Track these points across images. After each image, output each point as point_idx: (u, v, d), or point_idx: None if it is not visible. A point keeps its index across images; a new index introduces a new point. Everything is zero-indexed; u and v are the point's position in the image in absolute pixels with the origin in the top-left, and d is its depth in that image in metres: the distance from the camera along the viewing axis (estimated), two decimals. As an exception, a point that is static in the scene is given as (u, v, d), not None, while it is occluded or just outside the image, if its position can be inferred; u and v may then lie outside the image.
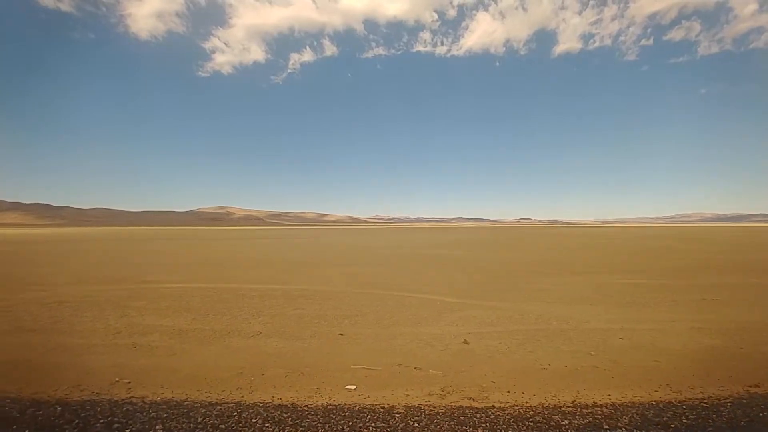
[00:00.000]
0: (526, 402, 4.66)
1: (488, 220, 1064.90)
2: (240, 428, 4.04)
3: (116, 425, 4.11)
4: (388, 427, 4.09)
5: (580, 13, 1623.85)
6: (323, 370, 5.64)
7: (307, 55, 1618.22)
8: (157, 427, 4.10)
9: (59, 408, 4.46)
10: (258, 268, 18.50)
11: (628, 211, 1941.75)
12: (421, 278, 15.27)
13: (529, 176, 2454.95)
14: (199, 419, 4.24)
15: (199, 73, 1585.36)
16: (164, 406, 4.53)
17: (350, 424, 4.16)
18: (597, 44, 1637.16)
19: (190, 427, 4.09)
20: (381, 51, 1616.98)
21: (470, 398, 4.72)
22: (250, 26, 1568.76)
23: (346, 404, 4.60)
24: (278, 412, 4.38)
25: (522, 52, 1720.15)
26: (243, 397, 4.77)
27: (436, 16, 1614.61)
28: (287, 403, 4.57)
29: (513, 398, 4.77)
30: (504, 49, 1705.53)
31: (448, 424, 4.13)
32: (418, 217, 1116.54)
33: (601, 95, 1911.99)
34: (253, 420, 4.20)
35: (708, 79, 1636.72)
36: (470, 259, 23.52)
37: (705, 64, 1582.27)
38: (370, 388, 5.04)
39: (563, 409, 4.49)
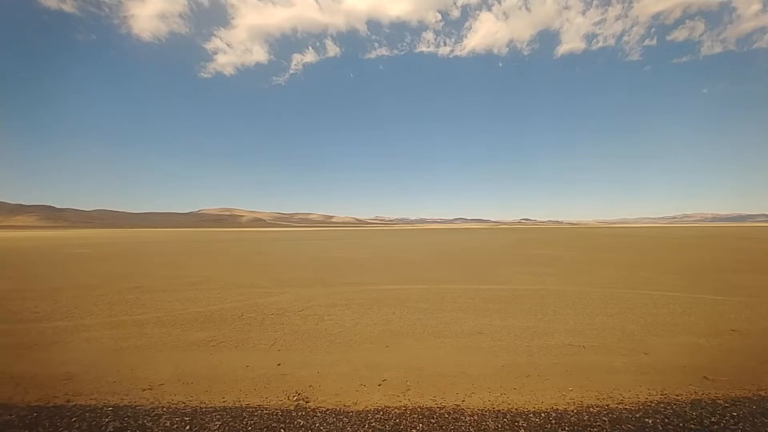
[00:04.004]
0: None
1: (489, 221, 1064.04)
2: None
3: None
4: None
5: (583, 13, 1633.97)
6: None
7: (310, 56, 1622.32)
8: None
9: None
10: (431, 269, 18.32)
11: (627, 212, 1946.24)
12: (625, 277, 15.05)
13: (529, 177, 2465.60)
14: None
15: (201, 74, 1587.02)
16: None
17: None
18: (600, 44, 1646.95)
19: None
20: (384, 52, 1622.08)
21: None
22: (253, 27, 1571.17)
23: None
24: None
25: (525, 53, 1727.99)
26: None
27: (439, 17, 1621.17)
28: None
29: None
30: (507, 49, 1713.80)
31: None
32: (419, 218, 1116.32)
33: (604, 95, 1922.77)
34: None
35: (710, 79, 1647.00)
36: (599, 260, 23.44)
37: (708, 64, 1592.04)
38: None
39: None
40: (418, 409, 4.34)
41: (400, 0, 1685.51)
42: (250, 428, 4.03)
